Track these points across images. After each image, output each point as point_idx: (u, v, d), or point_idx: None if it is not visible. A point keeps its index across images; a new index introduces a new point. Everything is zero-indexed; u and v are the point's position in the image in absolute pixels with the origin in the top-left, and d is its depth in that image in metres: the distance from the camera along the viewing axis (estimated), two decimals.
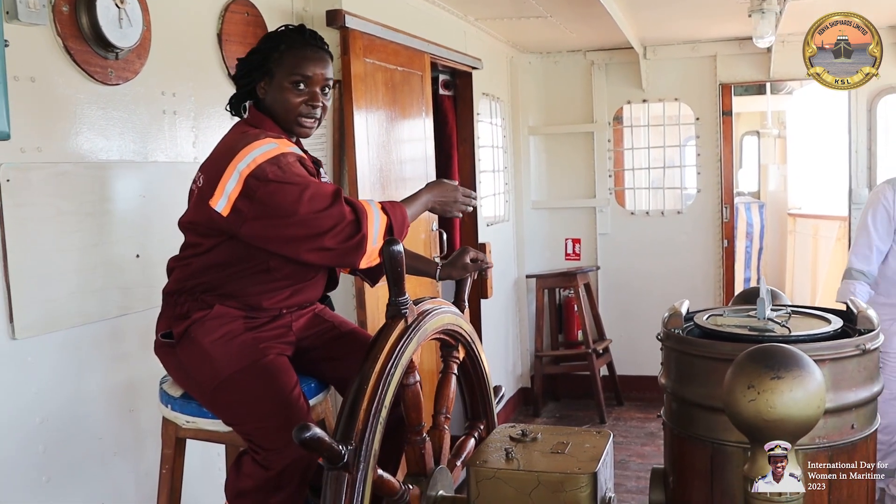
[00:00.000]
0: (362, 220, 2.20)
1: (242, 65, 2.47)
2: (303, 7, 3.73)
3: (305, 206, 2.19)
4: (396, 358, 2.20)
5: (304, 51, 2.42)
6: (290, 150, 2.31)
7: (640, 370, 6.70)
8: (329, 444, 1.97)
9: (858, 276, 4.02)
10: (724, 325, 2.35)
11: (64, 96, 2.56)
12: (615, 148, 6.89)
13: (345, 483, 2.03)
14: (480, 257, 2.84)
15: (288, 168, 2.23)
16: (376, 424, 2.09)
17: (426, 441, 2.41)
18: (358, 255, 2.22)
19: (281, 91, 2.40)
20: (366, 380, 2.12)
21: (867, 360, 2.13)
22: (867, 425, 2.16)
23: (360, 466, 2.05)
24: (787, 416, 1.77)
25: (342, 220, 2.19)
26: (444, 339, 2.64)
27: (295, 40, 2.44)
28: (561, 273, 6.70)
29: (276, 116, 2.43)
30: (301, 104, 2.41)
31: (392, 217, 2.27)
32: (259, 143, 2.27)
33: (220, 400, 2.35)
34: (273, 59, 2.40)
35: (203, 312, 2.35)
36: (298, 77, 2.39)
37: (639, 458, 5.56)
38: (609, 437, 2.44)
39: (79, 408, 2.64)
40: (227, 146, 2.33)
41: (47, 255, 2.51)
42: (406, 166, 4.44)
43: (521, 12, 5.17)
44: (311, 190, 2.21)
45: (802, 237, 9.07)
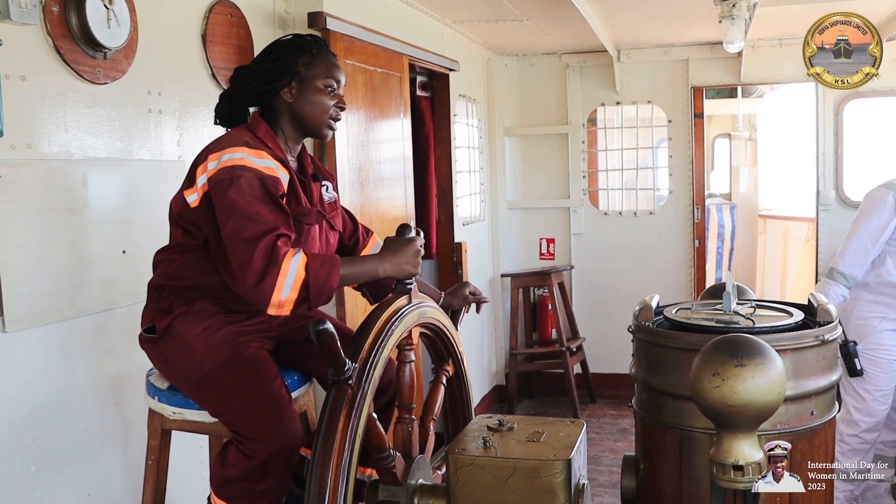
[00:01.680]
0: (269, 272, 2.15)
1: (260, 70, 2.49)
2: (284, 9, 3.79)
3: (229, 226, 2.22)
4: (404, 312, 2.38)
5: (330, 58, 2.54)
6: (259, 167, 2.28)
7: (613, 368, 6.81)
8: (338, 349, 2.06)
9: (839, 279, 4.02)
10: (692, 317, 2.44)
11: (53, 95, 2.62)
12: (589, 149, 6.99)
13: (346, 395, 2.13)
14: (478, 292, 3.05)
15: (237, 183, 2.23)
16: (380, 355, 2.21)
17: (414, 423, 2.49)
18: (261, 303, 2.18)
19: (315, 93, 2.48)
20: (376, 314, 2.29)
21: (826, 350, 2.24)
22: (826, 412, 2.26)
23: (361, 385, 2.16)
24: (749, 401, 1.86)
25: (248, 263, 2.16)
26: (438, 347, 2.76)
27: (322, 47, 2.54)
28: (535, 272, 6.80)
29: (306, 119, 2.50)
30: (332, 107, 2.51)
31: (311, 277, 2.19)
32: (234, 149, 2.29)
33: (204, 392, 2.41)
34: (303, 62, 2.48)
35: (185, 307, 2.40)
36: (332, 81, 2.50)
37: (612, 453, 5.66)
38: (583, 426, 2.52)
39: (67, 400, 2.70)
40: (216, 143, 2.38)
41: (37, 249, 2.57)
42: (384, 166, 4.51)
43: (498, 15, 5.26)
44: (238, 218, 2.20)
45: (772, 238, 9.20)
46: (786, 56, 6.40)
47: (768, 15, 5.03)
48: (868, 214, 4.03)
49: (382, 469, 2.40)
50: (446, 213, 5.78)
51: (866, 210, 4.06)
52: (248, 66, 2.58)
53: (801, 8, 4.67)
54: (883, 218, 3.98)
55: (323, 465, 2.10)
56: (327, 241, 2.62)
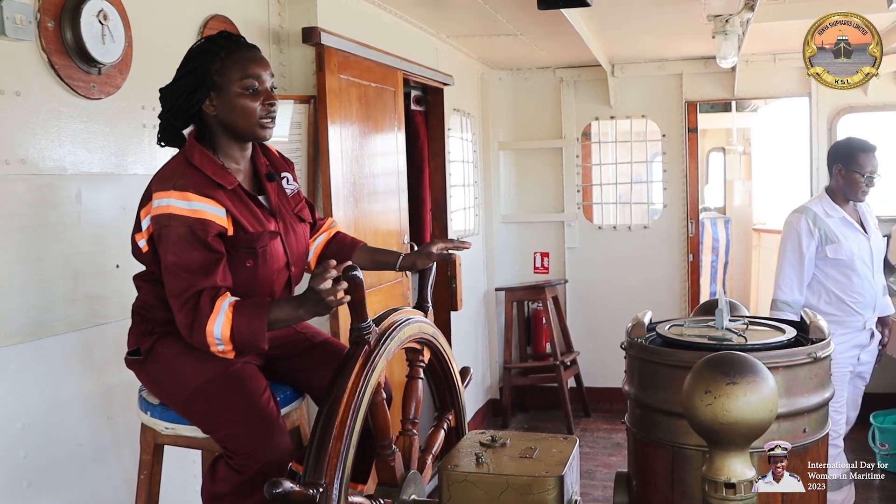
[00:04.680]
0: (195, 329, 2.20)
1: (177, 88, 2.37)
2: (278, 24, 3.81)
3: (164, 278, 2.26)
4: (362, 388, 2.21)
5: (245, 53, 2.36)
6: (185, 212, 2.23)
7: (607, 382, 6.80)
8: (300, 494, 2.00)
9: (785, 307, 4.22)
10: (685, 334, 2.45)
11: (48, 110, 2.62)
12: (583, 163, 7.01)
13: (363, 349, 2.16)
14: (449, 244, 2.73)
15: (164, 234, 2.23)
16: (346, 460, 2.11)
17: (395, 453, 2.47)
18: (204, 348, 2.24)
19: (236, 99, 2.32)
20: (332, 417, 2.14)
21: (818, 367, 2.24)
22: (819, 429, 2.27)
23: (377, 347, 2.20)
24: (741, 419, 1.86)
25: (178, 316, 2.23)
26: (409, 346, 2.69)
27: (231, 47, 2.35)
28: (530, 286, 6.80)
29: (235, 127, 2.36)
30: (259, 107, 2.34)
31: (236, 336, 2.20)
32: (161, 194, 2.25)
33: (192, 409, 2.40)
34: (215, 70, 2.31)
35: (168, 327, 2.37)
36: (250, 80, 2.32)
37: (605, 467, 5.65)
38: (575, 442, 2.52)
39: (59, 414, 2.70)
40: (152, 183, 2.34)
41: (30, 264, 2.57)
42: (378, 180, 4.51)
43: (492, 30, 5.27)
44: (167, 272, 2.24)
45: (767, 252, 9.19)
46: (779, 71, 6.45)
47: (761, 30, 5.05)
48: (790, 241, 4.30)
49: (381, 463, 2.42)
50: (440, 227, 5.79)
51: (787, 238, 4.33)
52: (168, 84, 2.40)
53: (795, 23, 4.69)
54: (804, 241, 4.24)
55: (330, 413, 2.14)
56: (296, 236, 2.53)
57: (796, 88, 6.51)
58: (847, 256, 4.21)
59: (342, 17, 4.03)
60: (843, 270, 4.24)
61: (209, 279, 2.22)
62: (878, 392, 5.57)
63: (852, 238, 4.26)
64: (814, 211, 4.29)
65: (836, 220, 4.27)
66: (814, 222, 4.25)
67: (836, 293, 4.25)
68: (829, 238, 4.22)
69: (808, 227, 4.25)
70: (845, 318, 4.24)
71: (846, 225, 4.28)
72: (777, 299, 4.29)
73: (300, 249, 2.57)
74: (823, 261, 4.25)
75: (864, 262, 4.26)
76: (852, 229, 4.28)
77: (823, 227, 4.24)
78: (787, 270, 4.27)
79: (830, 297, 4.27)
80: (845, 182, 4.27)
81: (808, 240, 4.24)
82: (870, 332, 4.37)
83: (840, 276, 4.24)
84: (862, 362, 4.39)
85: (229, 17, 3.44)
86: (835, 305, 4.25)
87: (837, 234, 4.23)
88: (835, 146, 4.57)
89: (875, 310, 4.34)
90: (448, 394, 2.91)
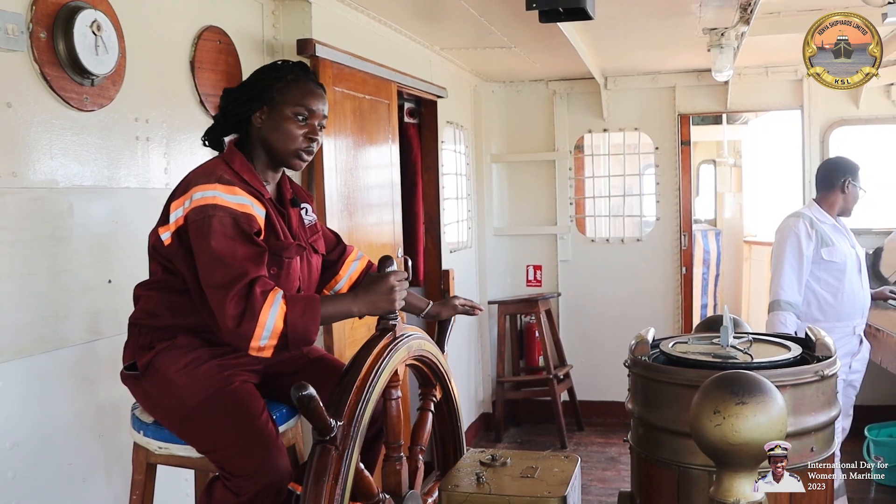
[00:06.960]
0: (245, 319, 2.14)
1: (239, 93, 2.45)
2: (273, 36, 3.77)
3: (204, 269, 2.20)
4: (390, 350, 2.32)
5: (309, 85, 2.43)
6: (232, 205, 2.23)
7: (601, 395, 6.79)
8: (322, 411, 2.01)
9: (787, 308, 4.27)
10: (689, 352, 2.42)
11: (40, 122, 2.57)
12: (576, 176, 7.00)
13: (331, 457, 2.09)
14: (470, 303, 2.98)
15: (209, 223, 2.20)
16: (366, 406, 2.15)
17: (403, 461, 2.45)
18: (240, 346, 2.19)
19: (283, 121, 2.38)
20: (360, 361, 2.22)
21: (825, 385, 2.21)
22: (825, 448, 2.24)
23: (348, 444, 2.11)
24: (751, 439, 1.83)
25: (222, 308, 2.15)
26: (424, 373, 2.70)
27: (300, 74, 2.44)
28: (522, 299, 6.77)
29: (274, 146, 2.40)
30: (301, 137, 2.39)
31: (289, 328, 2.17)
32: (206, 186, 2.24)
33: (189, 429, 2.35)
34: (277, 88, 2.39)
35: (167, 343, 2.35)
36: (302, 109, 2.39)
37: (600, 482, 5.61)
38: (577, 461, 2.49)
39: (49, 433, 2.64)
40: (191, 178, 2.33)
41: (20, 279, 2.52)
42: (372, 192, 4.48)
43: (486, 43, 5.26)
44: (211, 262, 2.18)
45: (758, 264, 9.20)
46: (772, 84, 6.46)
47: (755, 44, 5.05)
48: (790, 242, 4.36)
49: (389, 466, 2.42)
50: (433, 239, 5.76)
51: (785, 240, 4.39)
52: (233, 88, 2.52)
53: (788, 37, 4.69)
54: (803, 242, 4.32)
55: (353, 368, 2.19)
56: (309, 266, 2.56)
57: (789, 101, 6.52)
58: (841, 259, 4.33)
59: (336, 29, 4.00)
60: (836, 274, 4.33)
61: (259, 269, 2.21)
62: (874, 404, 5.58)
63: (843, 243, 4.38)
64: (809, 215, 4.40)
65: (828, 225, 4.40)
66: (811, 225, 4.35)
67: (827, 298, 4.33)
68: (824, 241, 4.33)
69: (807, 229, 4.34)
70: (835, 325, 4.28)
71: (836, 231, 4.41)
72: (779, 300, 4.31)
73: (312, 278, 2.58)
74: (817, 264, 4.33)
75: (854, 268, 4.37)
76: (842, 236, 4.42)
77: (819, 230, 4.34)
78: (787, 271, 4.31)
79: (821, 302, 4.34)
80: (849, 195, 4.40)
81: (807, 241, 4.32)
82: (859, 338, 4.46)
83: (832, 280, 4.33)
84: (853, 370, 4.45)
85: (224, 28, 3.40)
86: (825, 311, 4.33)
87: (832, 238, 4.35)
88: (842, 160, 4.63)
89: (864, 315, 4.45)
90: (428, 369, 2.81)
